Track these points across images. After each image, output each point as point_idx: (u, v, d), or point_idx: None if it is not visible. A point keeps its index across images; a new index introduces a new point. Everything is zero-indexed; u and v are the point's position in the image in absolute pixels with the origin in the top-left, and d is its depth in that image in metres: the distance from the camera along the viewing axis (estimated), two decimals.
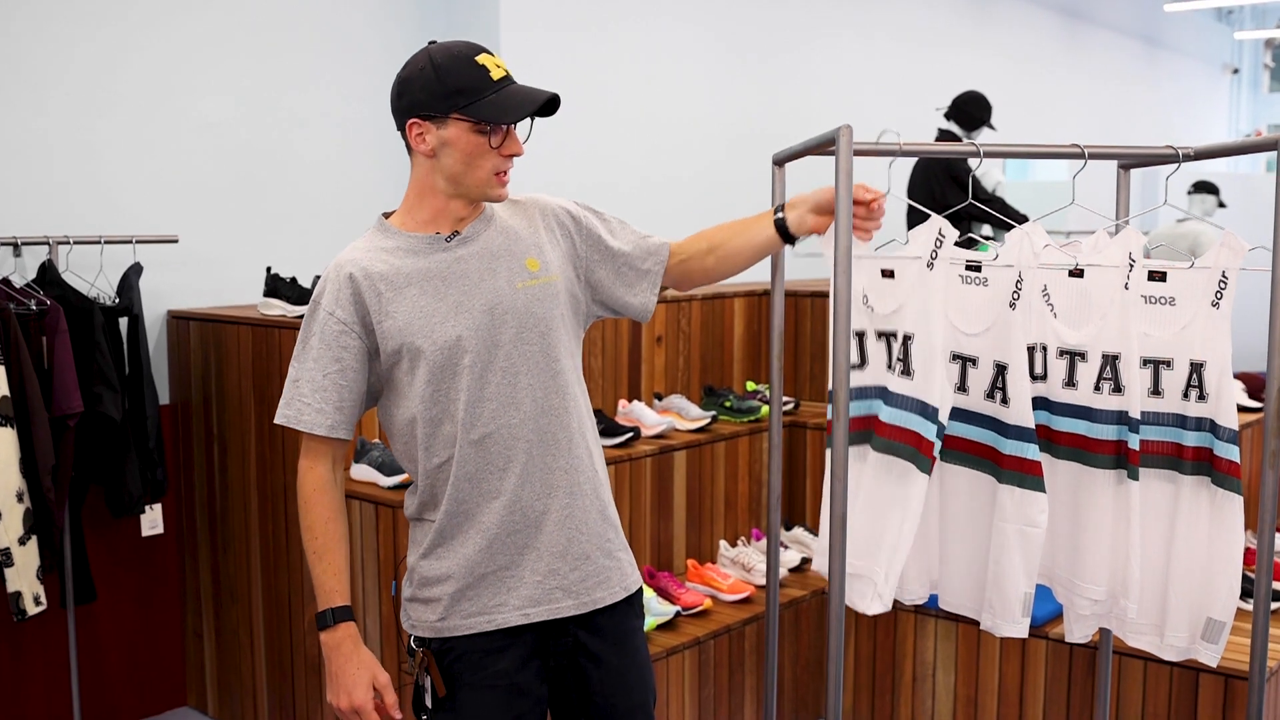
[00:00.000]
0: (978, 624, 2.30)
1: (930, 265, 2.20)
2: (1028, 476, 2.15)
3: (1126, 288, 2.18)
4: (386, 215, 2.08)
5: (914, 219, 5.77)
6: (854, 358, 2.33)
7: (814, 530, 4.38)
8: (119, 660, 3.98)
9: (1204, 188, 7.95)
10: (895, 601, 2.32)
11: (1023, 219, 5.78)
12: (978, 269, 2.21)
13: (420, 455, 2.00)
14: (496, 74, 1.93)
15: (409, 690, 2.12)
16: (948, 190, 5.78)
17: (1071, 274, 2.25)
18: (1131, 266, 2.18)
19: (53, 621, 3.72)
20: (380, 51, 4.62)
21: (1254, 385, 4.72)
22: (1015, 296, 2.14)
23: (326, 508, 2.03)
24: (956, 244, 2.26)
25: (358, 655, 1.98)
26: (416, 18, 4.72)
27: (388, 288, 1.96)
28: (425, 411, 1.97)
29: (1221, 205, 7.78)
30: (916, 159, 6.12)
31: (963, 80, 6.54)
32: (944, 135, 6.17)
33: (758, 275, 2.72)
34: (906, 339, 2.24)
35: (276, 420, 2.04)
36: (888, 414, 2.27)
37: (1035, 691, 3.66)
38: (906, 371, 2.23)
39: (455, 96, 1.91)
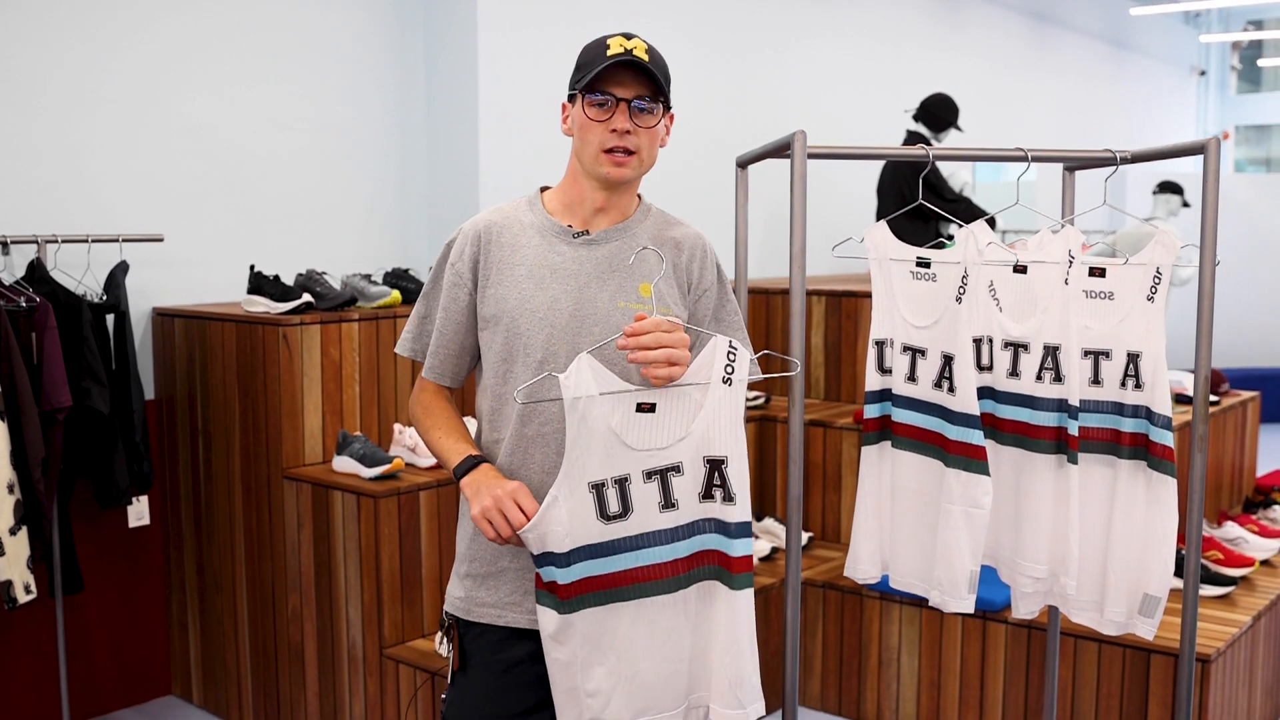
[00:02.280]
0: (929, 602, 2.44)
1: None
2: (973, 461, 2.28)
3: (1066, 283, 2.32)
4: (544, 189, 2.12)
5: (884, 216, 5.90)
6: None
7: (783, 520, 4.51)
8: (105, 649, 4.08)
9: (1169, 188, 8.10)
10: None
11: (987, 216, 5.93)
12: (927, 265, 2.34)
13: (484, 427, 2.08)
14: (614, 51, 1.95)
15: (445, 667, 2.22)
16: (916, 190, 5.90)
17: (1016, 270, 2.39)
18: (1071, 263, 2.31)
19: (41, 611, 3.82)
20: (360, 54, 4.72)
21: (1214, 380, 4.88)
22: (961, 291, 2.27)
23: (447, 402, 2.12)
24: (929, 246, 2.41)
25: (501, 478, 1.97)
26: (396, 20, 4.82)
27: (504, 259, 2.02)
28: (495, 386, 2.04)
29: (1186, 205, 7.94)
30: (886, 161, 6.27)
31: (932, 82, 6.67)
32: (912, 136, 6.30)
33: (728, 273, 2.84)
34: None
35: (396, 349, 2.19)
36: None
37: (995, 673, 3.80)
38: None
39: (576, 73, 2.00)
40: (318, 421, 3.82)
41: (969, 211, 5.99)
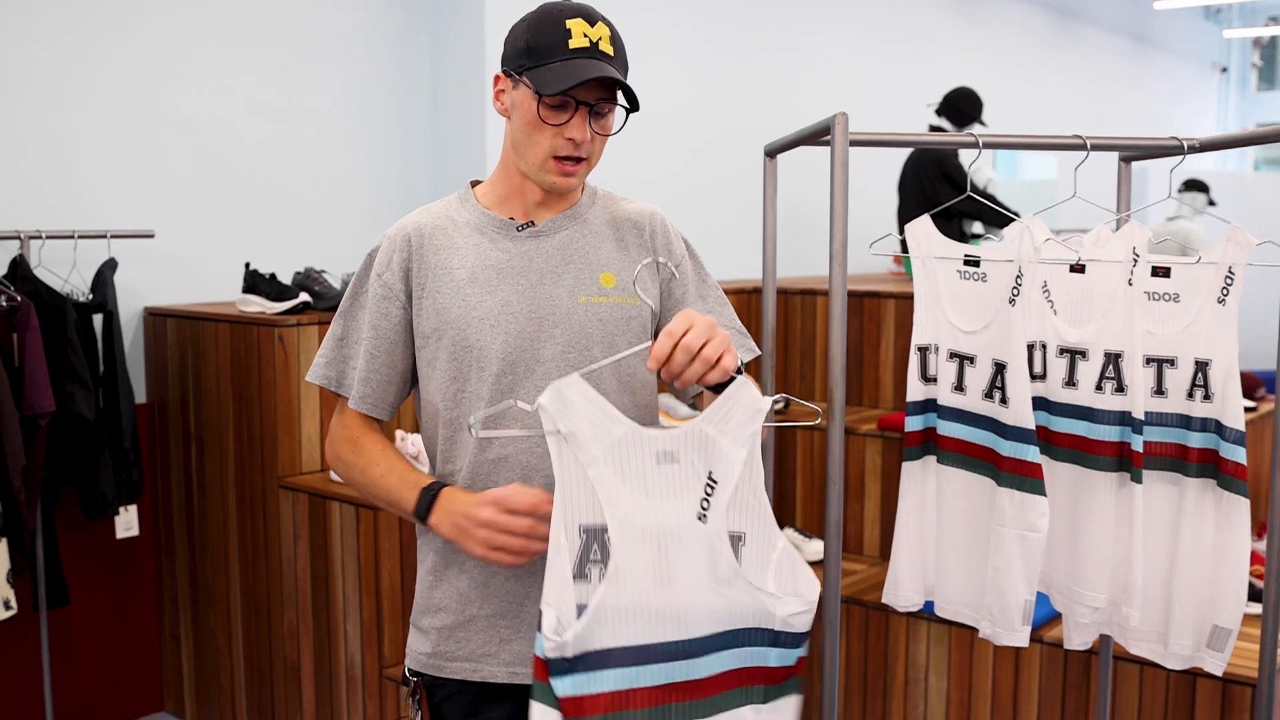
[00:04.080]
0: (972, 628, 2.24)
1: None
2: (1027, 479, 2.07)
3: (1130, 283, 2.11)
4: (475, 184, 1.87)
5: (905, 215, 5.71)
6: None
7: (805, 531, 4.32)
8: (94, 665, 3.89)
9: (1194, 186, 7.91)
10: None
11: (1014, 215, 5.73)
12: (976, 264, 2.14)
13: (438, 457, 1.81)
14: (577, 41, 1.66)
15: None
16: (939, 186, 5.71)
17: (1072, 269, 2.18)
18: (1135, 261, 2.11)
19: (25, 625, 3.63)
20: (360, 46, 4.53)
21: (1249, 384, 4.67)
22: (1015, 292, 2.06)
23: (380, 436, 1.81)
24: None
25: (469, 494, 1.69)
26: (400, 9, 4.64)
27: (440, 264, 1.76)
28: (446, 411, 1.78)
29: (1212, 203, 7.75)
30: (908, 155, 6.07)
31: (952, 78, 6.47)
32: (935, 131, 6.10)
33: (746, 272, 2.65)
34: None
35: (308, 377, 1.86)
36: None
37: (1029, 696, 3.59)
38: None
39: (526, 55, 1.69)
40: (315, 427, 3.63)
41: (994, 209, 5.79)
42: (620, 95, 1.71)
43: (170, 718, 4.07)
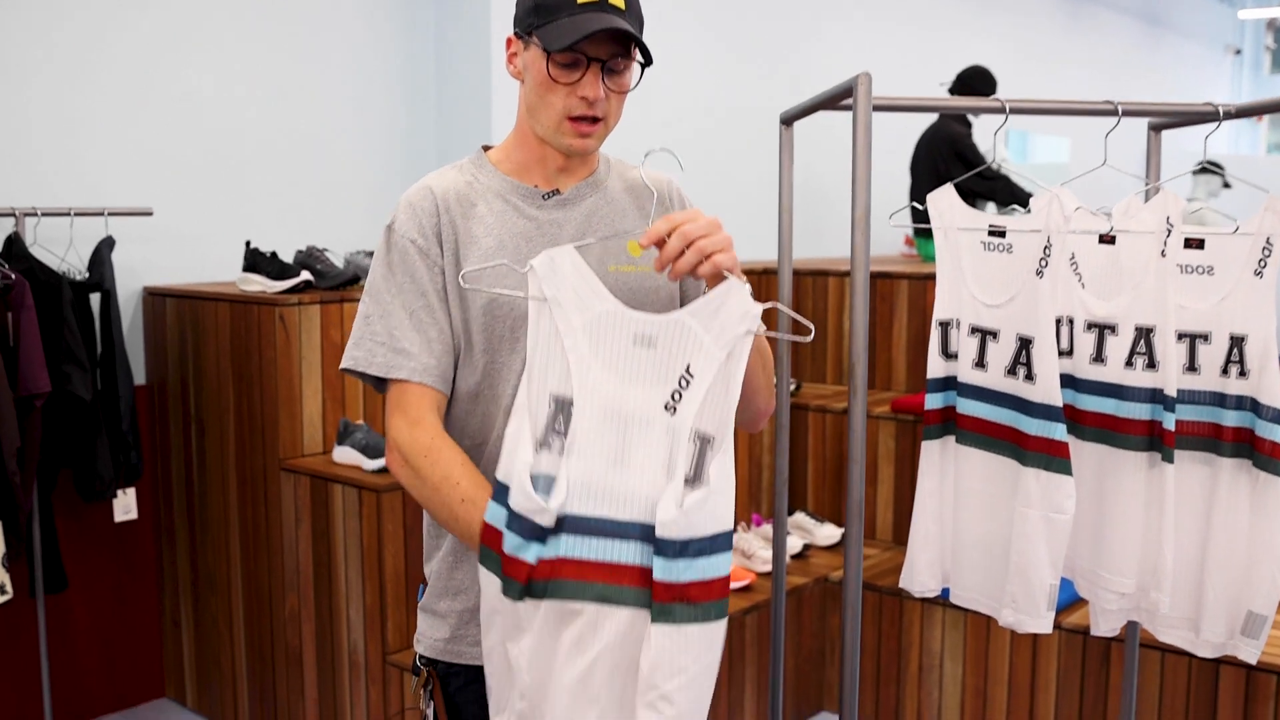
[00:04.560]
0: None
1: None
2: (1054, 459, 1.99)
3: (1164, 255, 2.02)
4: (486, 149, 1.77)
5: (918, 196, 5.61)
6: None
7: (817, 515, 4.24)
8: (93, 651, 3.82)
9: (1210, 168, 7.80)
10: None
11: (1028, 193, 5.63)
12: (1001, 234, 2.05)
13: (456, 432, 1.70)
14: None
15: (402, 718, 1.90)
16: (953, 167, 5.62)
17: (1102, 240, 2.09)
18: (1169, 232, 2.01)
19: (22, 611, 3.56)
20: (363, 26, 4.43)
21: None
22: (1043, 264, 1.97)
23: (454, 450, 1.61)
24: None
25: None
26: None
27: (465, 230, 1.66)
28: (468, 380, 1.68)
29: (1227, 186, 7.64)
30: (920, 136, 5.97)
31: (965, 59, 6.37)
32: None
33: (757, 253, 2.56)
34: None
35: (342, 365, 1.67)
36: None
37: (1047, 683, 3.52)
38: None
39: (534, 13, 1.61)
40: (317, 409, 3.55)
41: (1008, 190, 5.70)
42: (635, 51, 1.62)
43: (172, 704, 4.00)
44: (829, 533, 4.16)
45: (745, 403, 1.60)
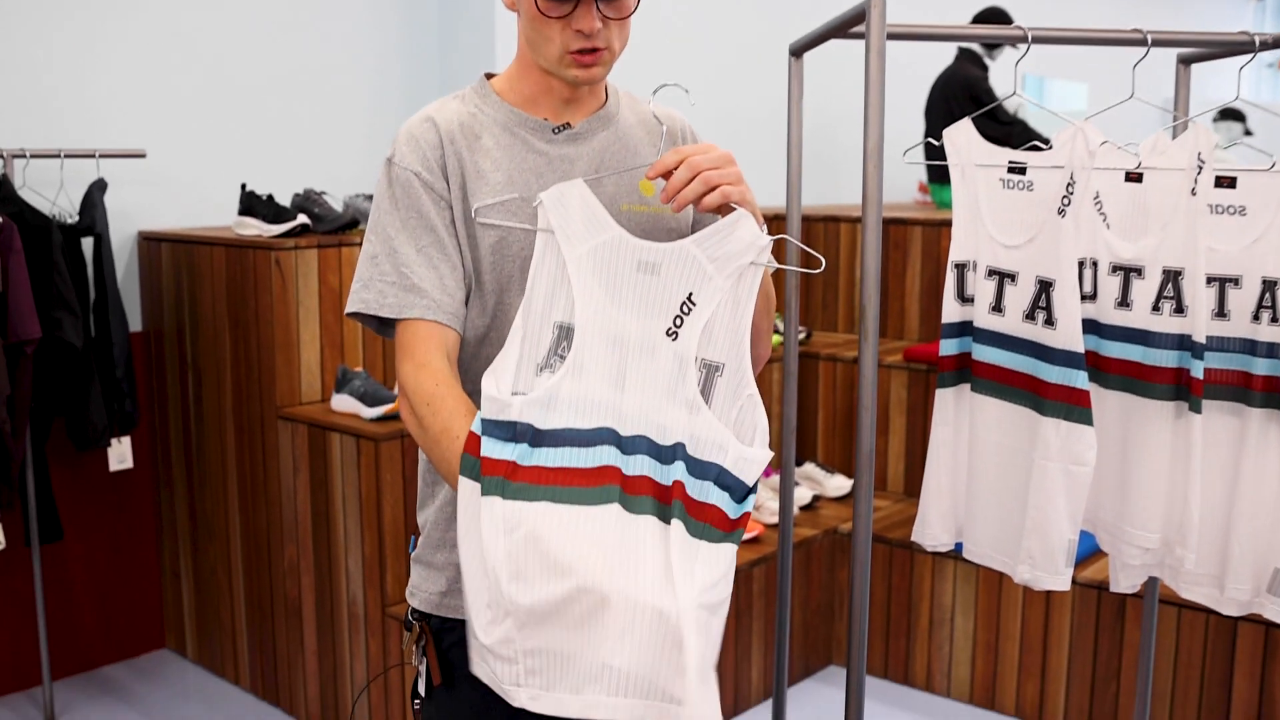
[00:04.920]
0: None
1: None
2: (1075, 408, 1.89)
3: (1194, 193, 1.91)
4: (489, 76, 1.67)
5: (931, 137, 5.46)
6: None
7: (827, 466, 4.16)
8: (91, 602, 3.77)
9: (1230, 115, 7.65)
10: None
11: (1045, 138, 5.50)
12: (1022, 171, 1.94)
13: (461, 377, 1.60)
14: None
15: (401, 671, 1.85)
16: (968, 110, 5.48)
17: (1128, 178, 1.98)
18: (1200, 169, 1.90)
19: (16, 562, 3.51)
20: None
21: None
22: (1065, 202, 1.87)
23: (457, 399, 1.51)
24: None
25: None
26: None
27: (472, 163, 1.57)
28: (477, 323, 1.60)
29: (1249, 133, 7.50)
30: (935, 79, 5.82)
31: (978, 3, 6.20)
32: (964, 53, 5.85)
33: (765, 199, 2.46)
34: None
35: (349, 309, 1.58)
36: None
37: (1060, 639, 3.44)
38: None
39: None
40: (315, 356, 3.47)
41: (1025, 135, 5.57)
42: None
43: (172, 655, 3.95)
44: (839, 484, 4.07)
45: None
